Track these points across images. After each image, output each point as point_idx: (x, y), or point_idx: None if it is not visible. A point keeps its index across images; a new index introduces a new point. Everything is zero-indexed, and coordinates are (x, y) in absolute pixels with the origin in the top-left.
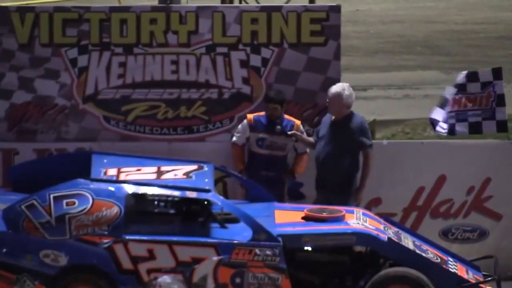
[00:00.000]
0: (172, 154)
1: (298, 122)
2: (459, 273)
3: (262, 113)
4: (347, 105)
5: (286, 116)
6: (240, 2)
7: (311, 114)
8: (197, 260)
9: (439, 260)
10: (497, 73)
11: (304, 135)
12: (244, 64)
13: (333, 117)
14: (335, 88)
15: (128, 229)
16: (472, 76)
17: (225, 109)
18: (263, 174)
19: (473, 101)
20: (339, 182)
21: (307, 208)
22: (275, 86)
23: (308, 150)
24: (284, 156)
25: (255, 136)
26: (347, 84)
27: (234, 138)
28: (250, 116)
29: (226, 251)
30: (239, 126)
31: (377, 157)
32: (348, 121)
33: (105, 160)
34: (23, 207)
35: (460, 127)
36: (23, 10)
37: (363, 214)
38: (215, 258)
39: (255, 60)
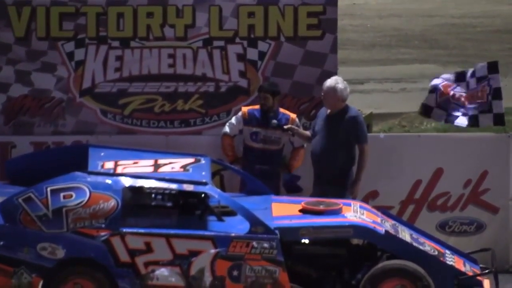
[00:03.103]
0: (169, 147)
1: (293, 115)
2: (456, 266)
3: (257, 106)
4: (342, 99)
5: (282, 110)
6: None
7: (308, 108)
8: (194, 253)
9: (436, 253)
10: (493, 67)
11: (300, 129)
12: (241, 57)
13: (329, 111)
14: (329, 82)
15: (125, 222)
16: (471, 72)
17: (222, 103)
18: (258, 168)
19: (470, 96)
20: (335, 175)
21: (304, 201)
22: (272, 80)
23: (304, 144)
24: (278, 149)
25: (249, 130)
26: (341, 77)
27: (226, 129)
28: (244, 109)
29: (223, 244)
30: (233, 118)
31: (374, 150)
32: (343, 115)
33: (102, 153)
34: (20, 200)
35: (460, 120)
36: (20, 4)
37: (360, 207)
38: (212, 251)
39: (252, 54)
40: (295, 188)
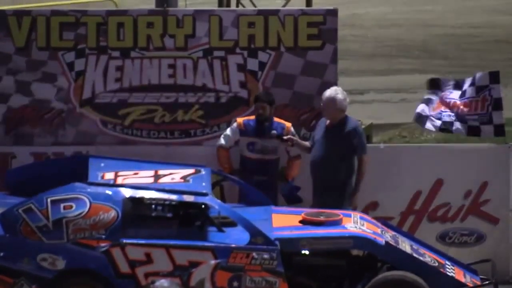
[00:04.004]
0: (169, 158)
1: (288, 124)
2: (456, 277)
3: (252, 117)
4: (341, 109)
5: (276, 119)
6: (237, 6)
7: (308, 118)
8: (195, 264)
9: (436, 264)
10: (494, 77)
11: (296, 137)
12: (241, 68)
13: (328, 121)
14: (328, 92)
15: (125, 233)
16: (470, 81)
17: (222, 113)
18: (255, 179)
19: (469, 105)
20: (334, 186)
21: (305, 211)
22: (272, 90)
23: (300, 153)
24: (276, 159)
25: (246, 141)
26: (340, 88)
27: (221, 141)
28: (240, 120)
29: (224, 255)
30: (228, 130)
31: (374, 161)
32: (342, 125)
33: (102, 164)
34: (20, 210)
35: (459, 126)
36: (20, 14)
37: (361, 217)
38: (213, 262)
39: (252, 64)
40: (295, 198)
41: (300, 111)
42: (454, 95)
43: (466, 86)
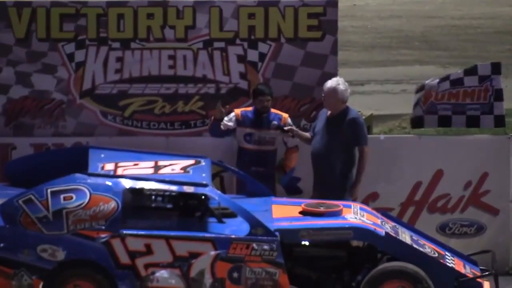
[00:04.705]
0: (169, 149)
1: (285, 115)
2: (456, 268)
3: (250, 108)
4: (342, 100)
5: (273, 110)
6: None
7: (308, 109)
8: (195, 255)
9: (436, 255)
10: (496, 67)
11: (294, 128)
12: (241, 59)
13: (329, 112)
14: (330, 83)
15: (125, 223)
16: (470, 70)
17: (223, 104)
18: (253, 170)
19: (471, 95)
20: (335, 177)
21: (305, 202)
22: (272, 81)
23: (298, 144)
24: (273, 150)
25: (243, 131)
26: (342, 78)
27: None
28: (237, 111)
29: (224, 245)
30: (225, 117)
31: (375, 152)
32: (343, 116)
33: (102, 155)
34: (20, 201)
35: (457, 119)
36: (20, 5)
37: (361, 208)
38: (213, 252)
39: (252, 55)
40: (295, 190)
41: (300, 102)
42: (444, 86)
43: (460, 75)
